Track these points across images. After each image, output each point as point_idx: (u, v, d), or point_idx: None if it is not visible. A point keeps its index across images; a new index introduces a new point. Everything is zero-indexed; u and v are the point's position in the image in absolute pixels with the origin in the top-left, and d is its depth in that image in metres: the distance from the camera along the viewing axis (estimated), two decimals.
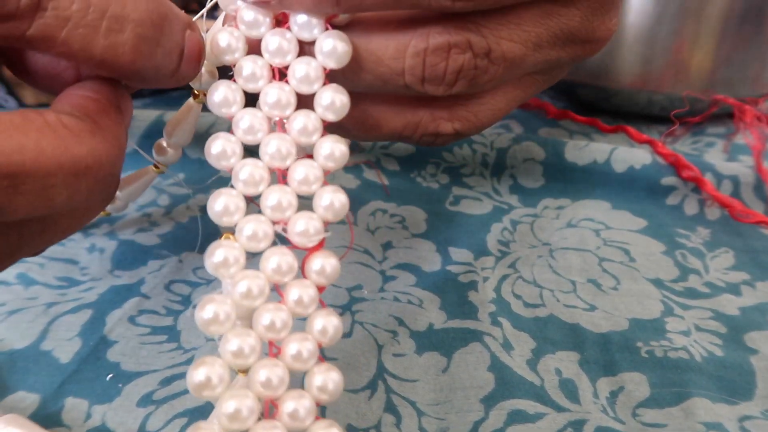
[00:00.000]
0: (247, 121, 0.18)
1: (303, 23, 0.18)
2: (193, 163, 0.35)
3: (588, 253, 0.29)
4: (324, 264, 0.17)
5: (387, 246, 0.29)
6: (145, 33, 0.16)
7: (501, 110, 0.24)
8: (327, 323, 0.17)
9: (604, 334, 0.24)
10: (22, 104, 0.40)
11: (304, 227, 0.17)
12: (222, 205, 0.17)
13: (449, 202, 0.33)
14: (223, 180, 0.18)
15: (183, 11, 0.17)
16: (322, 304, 0.18)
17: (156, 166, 0.25)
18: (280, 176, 0.18)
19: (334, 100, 0.18)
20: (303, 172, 0.18)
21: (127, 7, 0.15)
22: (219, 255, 0.17)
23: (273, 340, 0.17)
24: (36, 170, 0.14)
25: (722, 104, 0.37)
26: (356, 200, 0.33)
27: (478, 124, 0.23)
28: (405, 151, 0.35)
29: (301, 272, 0.18)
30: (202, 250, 0.28)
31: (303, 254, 0.18)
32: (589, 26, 0.22)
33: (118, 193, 0.25)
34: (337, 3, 0.17)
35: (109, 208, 0.25)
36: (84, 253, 0.28)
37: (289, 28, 0.18)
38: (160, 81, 0.17)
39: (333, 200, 0.18)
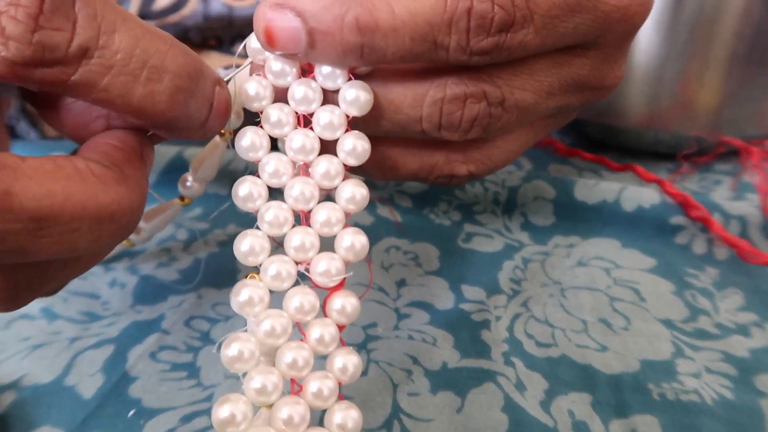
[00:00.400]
0: (273, 166, 0.19)
1: (327, 73, 0.19)
2: (210, 198, 0.36)
3: (599, 293, 0.29)
4: (345, 303, 0.18)
5: (401, 283, 0.30)
6: (182, 84, 0.16)
7: (513, 152, 0.25)
8: (347, 361, 0.18)
9: (615, 376, 0.24)
10: (43, 137, 0.41)
11: (326, 267, 0.18)
12: (248, 245, 0.18)
13: (461, 239, 0.33)
14: (240, 216, 0.19)
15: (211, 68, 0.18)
16: (342, 343, 0.18)
17: (181, 199, 0.25)
18: (303, 218, 0.19)
19: (356, 146, 0.19)
20: (325, 215, 0.18)
21: (166, 59, 0.16)
22: (244, 294, 0.17)
23: (295, 377, 0.18)
24: (62, 216, 0.15)
25: (729, 144, 0.38)
26: (370, 237, 0.33)
27: (491, 166, 0.24)
28: (418, 188, 0.36)
29: (323, 311, 0.18)
30: (221, 286, 0.29)
31: (324, 293, 0.19)
32: (598, 74, 0.23)
33: (144, 224, 0.26)
34: (360, 57, 0.18)
35: (134, 238, 0.26)
36: (105, 288, 0.29)
37: (314, 78, 0.19)
38: (189, 132, 0.18)
39: (354, 241, 0.18)
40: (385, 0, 0.17)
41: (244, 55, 0.20)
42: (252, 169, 0.19)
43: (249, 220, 0.27)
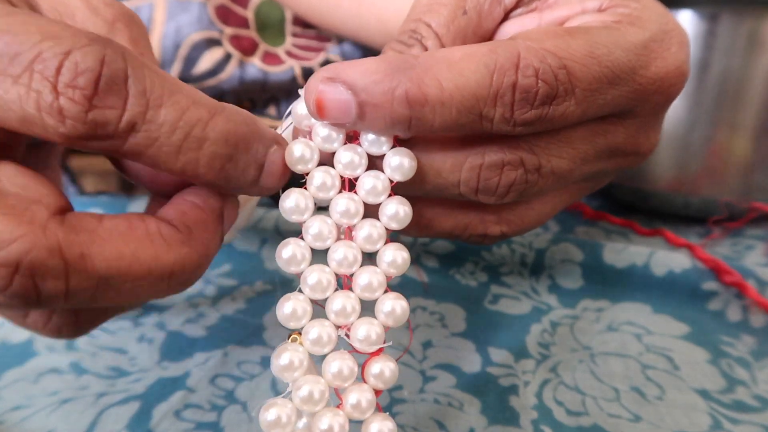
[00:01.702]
0: (317, 228, 0.19)
1: (373, 140, 0.19)
2: (239, 255, 0.37)
3: (630, 359, 0.28)
4: (383, 368, 0.18)
5: (427, 345, 0.29)
6: (219, 151, 0.17)
7: (546, 214, 0.25)
8: (383, 427, 0.18)
9: None
10: (82, 192, 0.42)
11: (366, 333, 0.18)
12: (290, 309, 0.18)
13: (488, 301, 0.33)
14: (267, 273, 0.19)
15: (271, 130, 0.19)
16: (379, 409, 0.18)
17: None
18: (345, 281, 0.19)
19: (398, 211, 0.19)
20: (367, 279, 0.19)
21: (207, 128, 0.17)
22: (285, 358, 0.18)
23: None
24: (129, 275, 0.16)
25: (760, 210, 0.38)
26: None
27: (523, 227, 0.24)
28: (445, 248, 0.36)
29: (361, 374, 0.18)
30: (247, 343, 0.29)
31: (364, 357, 0.19)
32: (634, 142, 0.24)
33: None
34: (408, 128, 0.19)
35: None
36: (134, 343, 0.29)
37: (359, 143, 0.20)
38: (239, 190, 0.19)
39: (395, 307, 0.19)
40: (432, 74, 0.18)
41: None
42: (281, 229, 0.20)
43: (274, 272, 0.27)
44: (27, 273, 0.15)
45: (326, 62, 0.49)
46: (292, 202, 0.19)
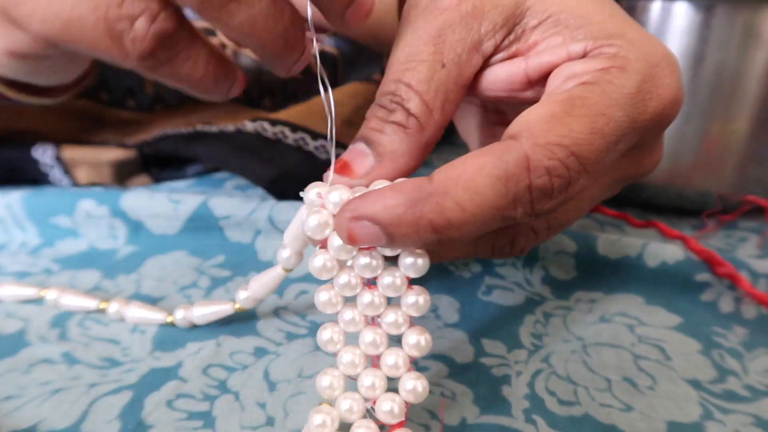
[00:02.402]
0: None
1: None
2: (233, 246, 0.37)
3: (623, 350, 0.28)
4: None
5: None
6: None
7: (559, 230, 0.27)
8: None
9: None
10: (75, 183, 0.42)
11: (389, 408, 0.21)
12: (327, 382, 0.21)
13: (482, 292, 0.33)
14: (261, 264, 0.19)
15: None
16: None
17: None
18: (374, 361, 0.22)
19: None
20: (393, 360, 0.21)
21: None
22: (318, 419, 0.21)
23: None
24: None
25: (754, 203, 0.38)
26: None
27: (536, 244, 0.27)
28: None
29: None
30: (240, 334, 0.29)
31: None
32: (637, 166, 0.27)
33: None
34: (437, 245, 0.20)
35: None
36: (126, 334, 0.29)
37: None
38: (325, 12, 0.22)
39: (416, 385, 0.21)
40: (451, 199, 0.18)
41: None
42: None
43: (268, 264, 0.27)
44: None
45: (321, 53, 0.49)
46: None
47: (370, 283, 0.21)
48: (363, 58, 0.53)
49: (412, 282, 0.21)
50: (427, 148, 0.22)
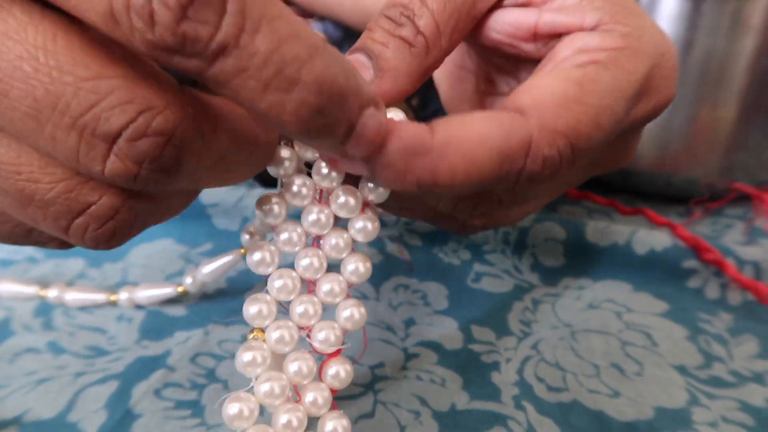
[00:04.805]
0: (287, 235, 0.19)
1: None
2: (220, 234, 0.36)
3: (610, 336, 0.29)
4: (339, 369, 0.20)
5: (409, 323, 0.29)
6: (309, 99, 0.15)
7: (528, 212, 0.26)
8: (337, 425, 0.19)
9: (629, 423, 0.23)
10: None
11: (325, 336, 0.19)
12: (256, 309, 0.19)
13: (471, 279, 0.33)
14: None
15: (370, 86, 0.17)
16: (334, 407, 0.19)
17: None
18: (309, 285, 0.20)
19: (366, 225, 0.20)
20: (329, 286, 0.20)
21: (302, 70, 0.14)
22: (248, 356, 0.18)
23: None
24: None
25: (740, 190, 0.38)
26: (379, 275, 0.33)
27: (505, 222, 0.26)
28: (428, 227, 0.36)
29: (318, 375, 0.20)
30: (228, 322, 0.29)
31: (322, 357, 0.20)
32: (614, 160, 0.25)
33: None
34: (414, 190, 0.18)
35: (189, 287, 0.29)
36: (113, 323, 0.29)
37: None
38: (320, 147, 0.18)
39: (353, 313, 0.20)
40: (447, 162, 0.18)
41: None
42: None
43: None
44: (177, 143, 0.14)
45: None
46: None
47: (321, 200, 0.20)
48: (352, 42, 0.52)
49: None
50: (426, 74, 0.21)
